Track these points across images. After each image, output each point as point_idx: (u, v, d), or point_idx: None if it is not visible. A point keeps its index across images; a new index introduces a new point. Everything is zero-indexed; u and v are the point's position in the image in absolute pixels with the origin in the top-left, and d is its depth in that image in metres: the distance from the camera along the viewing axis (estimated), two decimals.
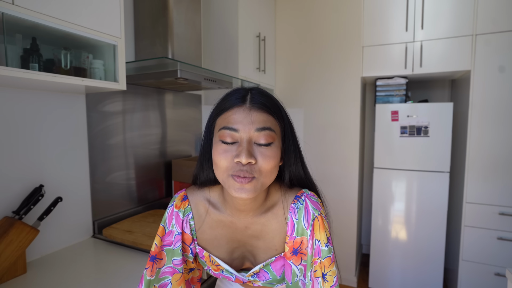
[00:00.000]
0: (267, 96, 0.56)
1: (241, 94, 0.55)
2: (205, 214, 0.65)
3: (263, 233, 0.63)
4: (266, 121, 0.53)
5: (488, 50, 1.89)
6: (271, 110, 0.54)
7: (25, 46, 0.91)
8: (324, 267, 0.58)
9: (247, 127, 0.52)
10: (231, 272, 0.65)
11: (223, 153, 0.53)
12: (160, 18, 1.43)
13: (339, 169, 2.38)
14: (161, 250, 0.65)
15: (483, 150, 1.95)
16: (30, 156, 1.07)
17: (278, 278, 0.64)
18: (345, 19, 2.28)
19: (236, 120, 0.52)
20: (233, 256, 0.66)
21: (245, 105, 0.53)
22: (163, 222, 0.67)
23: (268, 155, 0.52)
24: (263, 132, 0.52)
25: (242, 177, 0.51)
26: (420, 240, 2.16)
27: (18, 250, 0.93)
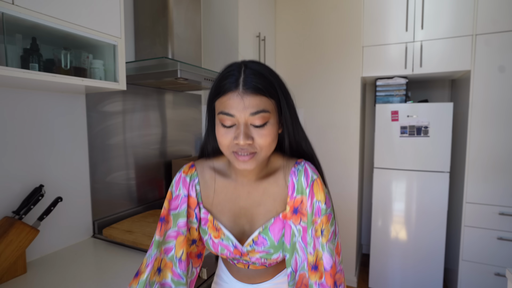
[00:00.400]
0: (260, 75, 0.58)
1: (235, 77, 0.57)
2: (210, 180, 0.70)
3: (264, 197, 0.67)
4: (259, 104, 0.56)
5: (488, 50, 1.89)
6: (264, 91, 0.57)
7: (25, 46, 0.91)
8: (322, 224, 0.62)
9: (242, 113, 0.56)
10: (231, 239, 0.67)
11: (224, 134, 0.58)
12: (160, 18, 1.43)
13: (339, 169, 2.38)
14: (168, 214, 0.69)
15: (483, 150, 1.95)
16: (30, 156, 1.07)
17: (276, 245, 0.65)
18: (345, 19, 2.28)
19: (231, 106, 0.56)
20: (234, 226, 0.68)
21: (238, 90, 0.56)
22: (171, 187, 0.70)
23: (264, 133, 0.57)
24: (257, 115, 0.56)
25: (243, 156, 0.58)
26: (420, 240, 2.16)
27: (18, 250, 0.93)
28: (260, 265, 0.72)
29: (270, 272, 0.74)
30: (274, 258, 0.67)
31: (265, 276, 0.74)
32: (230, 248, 0.68)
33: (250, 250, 0.67)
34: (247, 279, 0.75)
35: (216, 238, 0.68)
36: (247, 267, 0.73)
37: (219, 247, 0.68)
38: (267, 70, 0.61)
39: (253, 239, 0.66)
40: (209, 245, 0.70)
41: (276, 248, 0.66)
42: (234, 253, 0.68)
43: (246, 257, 0.69)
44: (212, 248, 0.69)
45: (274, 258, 0.67)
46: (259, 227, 0.67)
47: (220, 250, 0.69)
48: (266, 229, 0.65)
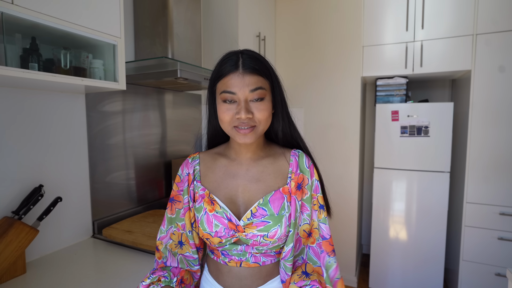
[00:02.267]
0: (256, 59, 0.67)
1: (234, 60, 0.66)
2: (210, 160, 0.77)
3: (264, 174, 0.73)
4: (257, 82, 0.65)
5: (489, 50, 1.89)
6: (260, 72, 0.66)
7: (25, 46, 0.90)
8: (319, 201, 0.73)
9: (243, 90, 0.64)
10: (226, 210, 0.69)
11: (226, 111, 0.65)
12: (160, 18, 1.42)
13: (339, 169, 2.38)
14: (178, 194, 0.76)
15: (484, 150, 1.95)
16: (30, 156, 1.07)
17: (275, 216, 0.68)
18: (345, 19, 2.28)
19: (233, 85, 0.64)
20: (229, 203, 0.71)
21: (239, 71, 0.65)
22: (179, 172, 0.78)
23: (261, 108, 0.65)
24: (256, 92, 0.64)
25: (245, 129, 0.65)
26: (420, 240, 2.16)
27: (17, 250, 0.93)
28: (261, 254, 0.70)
29: (263, 274, 0.71)
30: (273, 231, 0.67)
31: (257, 280, 0.71)
32: (225, 221, 0.68)
33: (248, 224, 0.67)
34: (237, 284, 0.71)
35: (210, 212, 0.70)
36: (239, 265, 0.70)
37: (213, 221, 0.68)
38: (261, 56, 0.69)
39: (252, 211, 0.68)
40: (203, 223, 0.69)
41: (275, 220, 0.67)
42: (229, 227, 0.67)
43: (241, 234, 0.68)
44: (206, 225, 0.69)
45: (272, 231, 0.67)
46: (256, 201, 0.70)
47: (214, 227, 0.68)
48: (266, 201, 0.69)
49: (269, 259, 0.72)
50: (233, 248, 0.70)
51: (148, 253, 1.13)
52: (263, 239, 0.67)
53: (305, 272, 0.71)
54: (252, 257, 0.70)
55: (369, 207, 2.79)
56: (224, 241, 0.69)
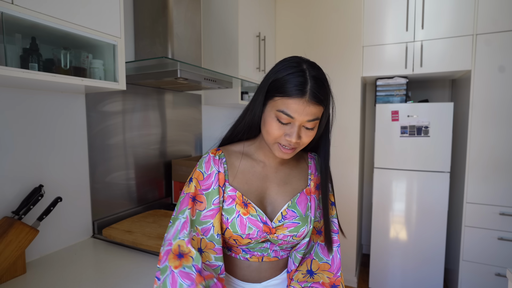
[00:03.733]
0: (323, 86, 0.64)
1: (302, 82, 0.62)
2: (237, 160, 0.74)
3: (290, 176, 0.76)
4: (317, 114, 0.64)
5: (489, 50, 1.89)
6: (323, 102, 0.64)
7: (25, 46, 0.90)
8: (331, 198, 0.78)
9: (302, 117, 0.63)
10: (261, 213, 0.68)
11: (278, 128, 0.65)
12: (160, 18, 1.42)
13: (339, 169, 2.38)
14: (200, 194, 0.69)
15: (484, 150, 1.95)
16: (30, 156, 1.07)
17: (303, 217, 0.71)
18: (345, 19, 2.28)
19: (295, 110, 0.62)
20: (259, 206, 0.71)
21: (305, 98, 0.61)
22: (200, 168, 0.71)
23: (309, 135, 0.66)
24: (312, 122, 0.64)
25: (288, 149, 0.66)
26: (420, 240, 2.16)
27: (17, 250, 0.93)
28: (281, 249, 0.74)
29: (280, 266, 0.76)
30: (301, 232, 0.71)
31: (275, 271, 0.75)
32: (259, 224, 0.67)
33: (279, 226, 0.70)
34: (256, 277, 0.74)
35: (244, 215, 0.68)
36: (261, 260, 0.73)
37: (247, 224, 0.67)
38: (325, 79, 0.67)
39: (282, 213, 0.70)
40: (235, 225, 0.67)
41: (303, 220, 0.71)
42: (264, 229, 0.68)
43: (273, 236, 0.69)
44: (238, 227, 0.67)
45: (301, 231, 0.71)
46: (285, 204, 0.72)
47: (247, 229, 0.67)
48: (294, 203, 0.72)
49: (286, 252, 0.76)
50: (257, 246, 0.72)
51: (148, 253, 1.13)
52: (292, 238, 0.71)
53: (310, 271, 0.74)
54: (273, 252, 0.74)
55: (369, 207, 2.79)
56: (253, 242, 0.70)
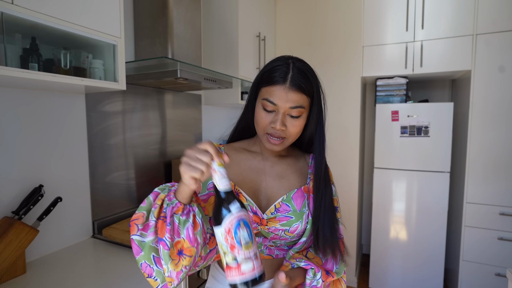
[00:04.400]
0: (304, 75, 0.67)
1: (284, 71, 0.67)
2: (234, 153, 0.78)
3: (287, 172, 0.76)
4: (299, 100, 0.66)
5: (489, 50, 1.89)
6: (305, 90, 0.67)
7: (25, 46, 0.90)
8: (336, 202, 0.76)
9: (284, 104, 0.66)
10: (251, 203, 0.70)
11: (264, 117, 0.68)
12: (160, 18, 1.42)
13: (339, 169, 2.38)
14: None
15: (484, 150, 1.95)
16: (30, 156, 1.07)
17: (298, 212, 0.71)
18: (345, 19, 2.28)
19: (277, 96, 0.66)
20: (253, 198, 0.72)
21: (286, 85, 0.66)
22: None
23: (295, 124, 0.68)
24: (295, 109, 0.66)
25: (276, 138, 0.68)
26: (420, 240, 2.16)
27: (17, 250, 0.93)
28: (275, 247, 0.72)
29: (274, 267, 0.73)
30: (294, 227, 0.70)
31: (268, 272, 0.71)
32: (250, 214, 0.69)
33: (271, 218, 0.70)
34: None
35: None
36: None
37: None
38: (310, 70, 0.70)
39: (275, 206, 0.71)
40: None
41: (297, 216, 0.70)
42: (254, 220, 0.70)
43: (264, 227, 0.70)
44: None
45: (294, 227, 0.70)
46: (280, 197, 0.72)
47: None
48: (290, 197, 0.72)
49: (281, 252, 0.74)
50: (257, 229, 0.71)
51: None
52: (284, 233, 0.70)
53: (306, 257, 0.72)
54: (266, 249, 0.73)
55: (369, 207, 2.79)
56: None
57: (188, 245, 0.56)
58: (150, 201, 0.59)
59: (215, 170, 0.53)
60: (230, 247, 0.52)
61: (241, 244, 0.52)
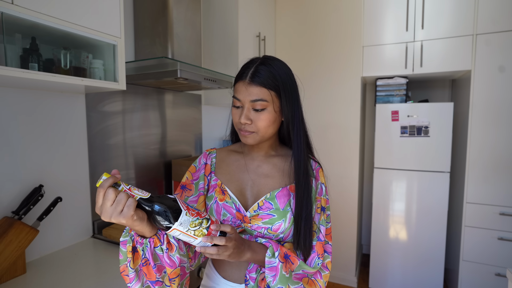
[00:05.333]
0: (267, 71, 0.69)
1: (248, 69, 0.71)
2: (225, 155, 0.82)
3: (273, 171, 0.78)
4: (259, 94, 0.69)
5: (489, 50, 1.89)
6: (265, 84, 0.69)
7: (25, 46, 0.90)
8: (322, 203, 0.76)
9: (245, 98, 0.70)
10: (235, 201, 0.73)
11: (235, 113, 0.74)
12: (160, 18, 1.42)
13: (339, 169, 2.38)
14: (191, 183, 0.79)
15: (484, 150, 1.95)
16: (30, 156, 1.07)
17: (281, 211, 0.71)
18: (345, 19, 2.28)
19: (239, 91, 0.71)
20: (239, 196, 0.75)
21: (246, 80, 0.70)
22: (195, 163, 0.83)
23: (260, 118, 0.70)
24: (256, 103, 0.69)
25: (244, 132, 0.72)
26: (420, 240, 2.16)
27: (17, 250, 0.93)
28: None
29: None
30: (277, 225, 0.70)
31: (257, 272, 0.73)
32: (233, 211, 0.73)
33: (254, 216, 0.72)
34: (237, 275, 0.75)
35: (221, 201, 0.75)
36: None
37: (222, 210, 0.74)
38: (276, 66, 0.71)
39: (259, 204, 0.72)
40: (212, 210, 0.75)
41: (280, 214, 0.71)
42: (237, 216, 0.73)
43: (247, 225, 0.72)
44: (214, 212, 0.74)
45: (276, 225, 0.70)
46: (264, 195, 0.74)
47: (222, 215, 0.74)
48: (273, 196, 0.73)
49: None
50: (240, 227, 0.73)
51: None
52: (267, 231, 0.71)
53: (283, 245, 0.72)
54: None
55: (369, 207, 2.79)
56: None
57: (170, 270, 0.61)
58: (124, 252, 0.62)
59: (125, 190, 0.54)
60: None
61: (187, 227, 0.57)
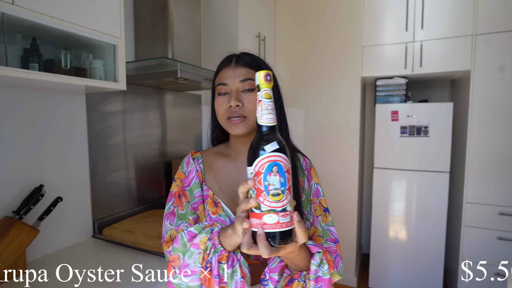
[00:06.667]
0: (250, 56, 0.71)
1: (229, 57, 0.72)
2: (211, 160, 0.77)
3: None
4: (247, 74, 0.68)
5: (488, 50, 1.90)
6: (252, 65, 0.69)
7: (25, 46, 0.90)
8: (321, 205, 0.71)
9: (234, 80, 0.68)
10: (228, 214, 0.69)
11: (220, 103, 0.69)
12: (160, 18, 1.43)
13: (339, 169, 2.38)
14: (184, 190, 0.73)
15: (483, 150, 1.95)
16: (30, 156, 1.07)
17: None
18: (345, 19, 2.28)
19: (225, 77, 0.69)
20: (231, 205, 0.71)
21: (231, 65, 0.70)
22: (182, 168, 0.77)
23: (251, 99, 0.67)
24: (246, 82, 0.67)
25: (235, 117, 0.66)
26: (420, 240, 2.16)
27: (18, 250, 0.93)
28: None
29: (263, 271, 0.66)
30: None
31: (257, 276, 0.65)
32: (226, 222, 0.68)
33: None
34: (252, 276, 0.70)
35: (214, 215, 0.70)
36: None
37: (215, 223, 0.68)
38: (257, 57, 0.72)
39: None
40: None
41: None
42: None
43: None
44: None
45: None
46: None
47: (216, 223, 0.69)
48: None
49: None
50: None
51: (149, 253, 1.13)
52: None
53: None
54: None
55: (369, 207, 2.79)
56: None
57: None
58: (185, 242, 0.59)
59: (260, 101, 0.49)
60: (256, 192, 0.47)
61: (268, 192, 0.45)
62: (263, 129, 0.49)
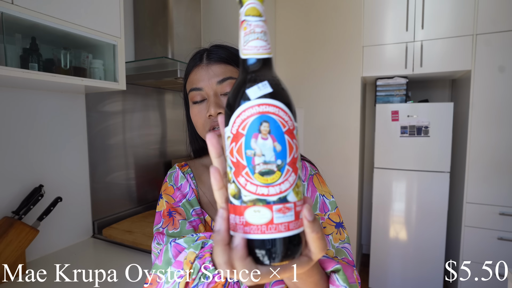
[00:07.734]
0: (224, 48, 0.58)
1: (199, 54, 0.58)
2: (200, 174, 0.67)
3: None
4: (225, 72, 0.55)
5: (489, 50, 1.89)
6: (229, 60, 0.56)
7: (25, 46, 0.90)
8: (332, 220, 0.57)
9: (209, 82, 0.55)
10: None
11: (197, 113, 0.56)
12: (160, 18, 1.42)
13: (339, 169, 2.38)
14: (177, 206, 0.61)
15: (484, 150, 1.95)
16: (30, 156, 1.07)
17: None
18: (345, 19, 2.28)
19: (198, 79, 0.55)
20: None
21: (203, 63, 0.56)
22: (170, 182, 0.65)
23: None
24: (225, 83, 0.54)
25: (219, 129, 0.53)
26: (420, 240, 2.16)
27: (17, 250, 0.93)
28: None
29: None
30: None
31: None
32: None
33: None
34: None
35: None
36: None
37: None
38: (230, 47, 0.59)
39: None
40: None
41: None
42: None
43: None
44: None
45: None
46: None
47: None
48: None
49: None
50: None
51: (149, 253, 1.13)
52: None
53: None
54: None
55: (369, 207, 2.79)
56: None
57: None
58: (168, 258, 0.45)
59: (244, 21, 0.29)
60: (234, 170, 0.27)
61: (252, 167, 0.26)
62: (248, 63, 0.29)
